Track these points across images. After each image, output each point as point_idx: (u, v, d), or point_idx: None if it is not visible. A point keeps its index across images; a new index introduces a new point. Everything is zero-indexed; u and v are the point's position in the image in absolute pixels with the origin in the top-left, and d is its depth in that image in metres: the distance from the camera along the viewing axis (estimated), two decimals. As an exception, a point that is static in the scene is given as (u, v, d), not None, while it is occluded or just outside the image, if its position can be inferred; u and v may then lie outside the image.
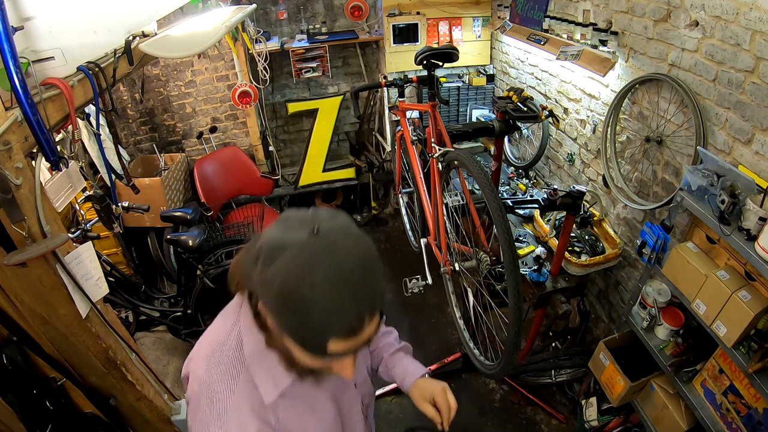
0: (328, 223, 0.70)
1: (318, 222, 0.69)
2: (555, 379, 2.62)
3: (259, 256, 0.68)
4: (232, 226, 3.05)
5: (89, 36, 1.35)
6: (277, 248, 0.67)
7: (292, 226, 0.70)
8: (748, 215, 1.37)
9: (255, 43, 3.46)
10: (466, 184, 2.11)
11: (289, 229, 0.69)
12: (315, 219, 0.70)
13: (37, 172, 1.17)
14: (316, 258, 0.65)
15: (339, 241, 0.68)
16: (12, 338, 1.33)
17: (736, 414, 1.59)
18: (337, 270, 0.66)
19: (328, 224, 0.69)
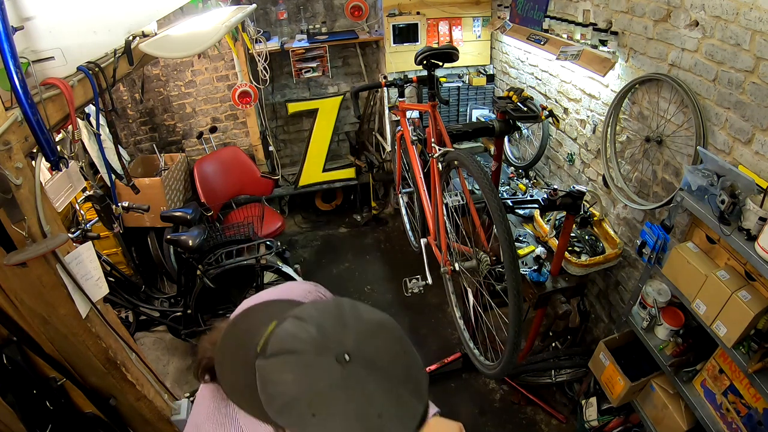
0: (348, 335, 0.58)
1: (333, 341, 0.57)
2: (555, 379, 2.62)
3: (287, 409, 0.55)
4: (232, 226, 3.05)
5: (89, 36, 1.35)
6: (316, 402, 0.54)
7: (308, 362, 0.56)
8: (748, 215, 1.37)
9: (255, 43, 3.46)
10: (466, 184, 2.11)
11: (308, 368, 0.56)
12: (326, 339, 0.58)
13: (37, 172, 1.17)
14: (371, 383, 0.55)
15: (376, 353, 0.58)
16: (12, 338, 1.33)
17: (736, 414, 1.59)
18: (393, 382, 0.57)
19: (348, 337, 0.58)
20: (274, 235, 3.47)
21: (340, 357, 0.56)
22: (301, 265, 3.47)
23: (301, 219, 4.53)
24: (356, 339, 0.58)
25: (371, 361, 0.57)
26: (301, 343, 0.58)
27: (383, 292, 3.54)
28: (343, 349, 0.57)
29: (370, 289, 3.59)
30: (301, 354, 0.57)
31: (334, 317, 0.61)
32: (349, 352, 0.56)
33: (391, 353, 0.59)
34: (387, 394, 0.56)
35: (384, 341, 0.60)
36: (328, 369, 0.55)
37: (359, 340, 0.58)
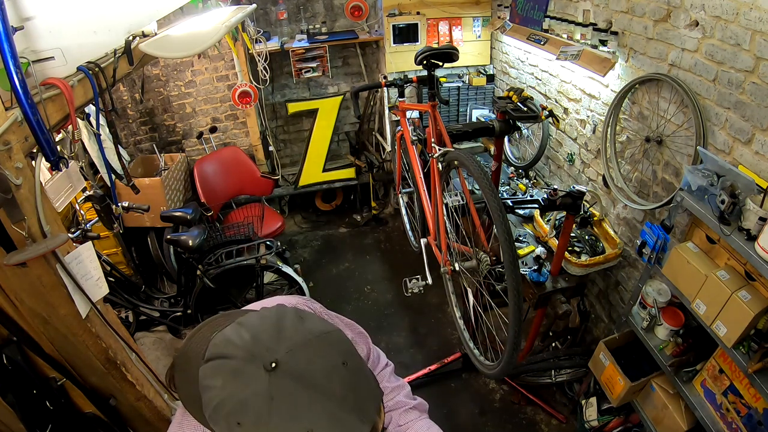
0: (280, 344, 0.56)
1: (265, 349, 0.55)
2: (555, 379, 2.62)
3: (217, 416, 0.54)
4: (232, 226, 3.05)
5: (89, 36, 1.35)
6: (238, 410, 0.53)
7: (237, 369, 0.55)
8: (748, 215, 1.37)
9: (255, 43, 3.46)
10: (466, 184, 2.11)
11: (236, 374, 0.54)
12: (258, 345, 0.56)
13: (37, 172, 1.17)
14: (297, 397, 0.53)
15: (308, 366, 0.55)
16: (12, 338, 1.33)
17: (736, 414, 1.59)
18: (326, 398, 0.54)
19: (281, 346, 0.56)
20: (274, 235, 3.47)
21: (267, 365, 0.53)
22: (301, 265, 3.47)
23: (301, 219, 4.53)
24: (290, 349, 0.56)
25: (301, 374, 0.54)
26: (234, 349, 0.57)
27: (383, 292, 3.54)
28: (272, 357, 0.54)
29: (370, 289, 3.59)
30: (231, 359, 0.56)
31: (273, 325, 0.59)
32: (277, 361, 0.54)
33: (327, 368, 0.56)
34: (320, 411, 0.53)
35: (322, 355, 0.57)
36: (255, 377, 0.53)
37: (293, 350, 0.56)
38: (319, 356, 0.57)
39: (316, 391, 0.54)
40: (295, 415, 0.52)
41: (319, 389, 0.54)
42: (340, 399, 0.55)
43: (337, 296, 3.54)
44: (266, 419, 0.52)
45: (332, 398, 0.54)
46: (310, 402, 0.53)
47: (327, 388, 0.54)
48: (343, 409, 0.54)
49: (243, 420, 0.52)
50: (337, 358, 0.57)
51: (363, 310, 3.39)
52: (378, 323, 3.24)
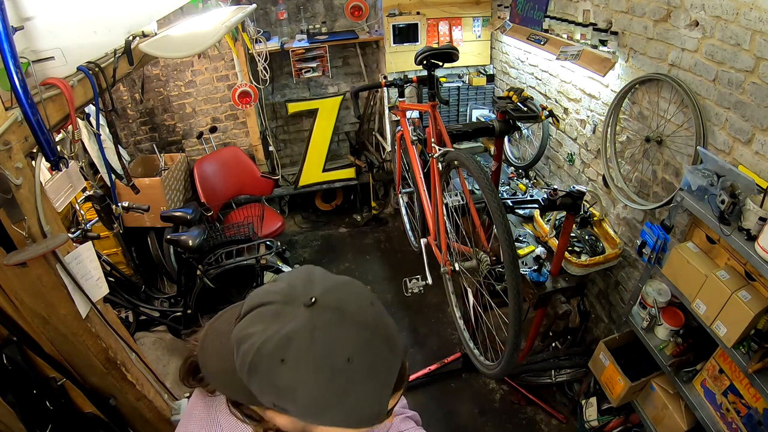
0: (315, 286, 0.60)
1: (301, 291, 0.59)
2: (555, 379, 2.62)
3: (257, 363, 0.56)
4: (232, 226, 3.05)
5: (89, 36, 1.35)
6: (282, 346, 0.55)
7: (277, 311, 0.58)
8: (748, 215, 1.37)
9: (255, 43, 3.46)
10: (466, 184, 2.11)
11: (277, 316, 0.57)
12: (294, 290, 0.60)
13: (37, 172, 1.17)
14: (336, 328, 0.56)
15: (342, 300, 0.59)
16: (12, 338, 1.33)
17: (736, 414, 1.59)
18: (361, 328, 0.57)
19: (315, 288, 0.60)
20: (274, 235, 3.47)
21: (306, 302, 0.57)
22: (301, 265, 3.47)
23: (301, 219, 4.53)
24: (324, 290, 0.59)
25: (338, 307, 0.58)
26: (271, 296, 0.60)
27: (383, 292, 3.54)
28: (310, 295, 0.58)
29: (370, 289, 3.57)
30: (270, 305, 0.59)
31: (305, 274, 0.63)
32: (315, 298, 0.57)
33: (359, 303, 0.60)
34: (357, 340, 0.56)
35: (352, 295, 0.61)
36: (295, 314, 0.56)
37: (327, 290, 0.59)
38: (350, 295, 0.61)
39: (352, 321, 0.57)
40: (335, 345, 0.55)
41: (355, 320, 0.57)
42: (373, 329, 0.58)
43: (337, 296, 3.53)
44: (309, 351, 0.54)
45: (367, 328, 0.58)
46: (348, 332, 0.56)
47: (361, 320, 0.58)
48: (376, 339, 0.58)
49: (286, 355, 0.54)
50: (365, 298, 0.62)
51: (363, 310, 3.38)
52: (378, 323, 3.23)
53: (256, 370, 0.56)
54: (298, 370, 0.54)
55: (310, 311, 0.56)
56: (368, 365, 0.57)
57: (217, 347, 0.65)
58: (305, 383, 0.55)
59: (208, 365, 0.67)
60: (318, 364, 0.54)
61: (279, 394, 0.56)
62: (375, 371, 0.57)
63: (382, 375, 0.59)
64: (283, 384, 0.55)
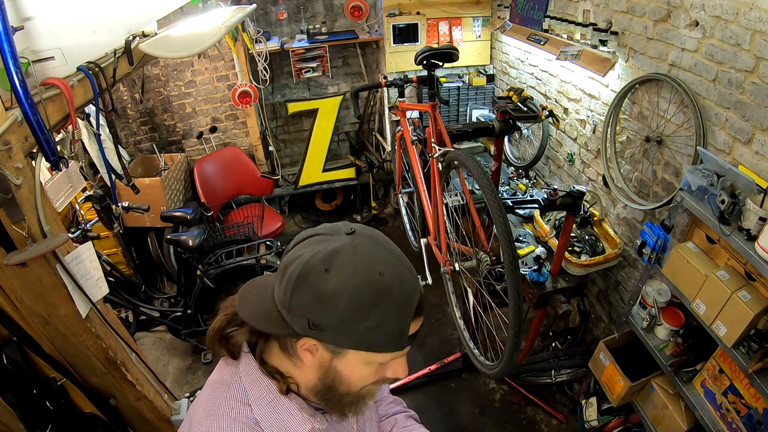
0: (353, 226, 0.72)
1: (342, 228, 0.71)
2: (555, 379, 2.62)
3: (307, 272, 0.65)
4: (232, 226, 3.05)
5: (89, 36, 1.34)
6: (329, 256, 0.65)
7: (323, 238, 0.70)
8: (748, 215, 1.37)
9: (255, 43, 3.46)
10: (466, 184, 2.11)
11: (323, 241, 0.69)
12: (337, 227, 0.72)
13: (37, 172, 1.17)
14: (372, 248, 0.68)
15: (374, 233, 0.73)
16: (12, 338, 1.33)
17: (736, 414, 1.59)
18: (391, 251, 0.70)
19: (353, 226, 0.72)
20: (274, 235, 3.47)
21: (348, 231, 0.70)
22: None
23: (301, 219, 4.53)
24: (360, 227, 0.72)
25: (372, 235, 0.71)
26: (316, 230, 0.73)
27: (383, 292, 3.53)
28: (349, 228, 0.70)
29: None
30: (317, 235, 0.71)
31: (344, 222, 0.75)
32: (353, 229, 0.70)
33: (385, 237, 0.74)
34: (387, 258, 0.68)
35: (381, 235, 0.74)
36: (339, 239, 0.68)
37: (363, 227, 0.73)
38: (381, 235, 0.74)
39: (384, 246, 0.70)
40: (371, 260, 0.66)
41: (384, 246, 0.70)
42: (399, 257, 0.71)
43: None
44: (352, 262, 0.65)
45: (393, 254, 0.70)
46: (381, 252, 0.68)
47: (390, 248, 0.71)
48: (402, 265, 0.70)
49: (331, 265, 0.64)
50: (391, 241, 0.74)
51: (363, 310, 3.38)
52: (378, 323, 3.23)
53: (303, 280, 0.65)
54: (341, 277, 0.64)
55: (351, 236, 0.68)
56: (396, 281, 0.66)
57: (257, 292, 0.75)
58: (346, 290, 0.63)
59: (246, 309, 0.74)
60: (357, 271, 0.64)
61: (320, 303, 0.64)
62: (400, 288, 0.67)
63: (406, 294, 0.68)
64: (326, 290, 0.64)
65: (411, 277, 0.70)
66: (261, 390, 0.74)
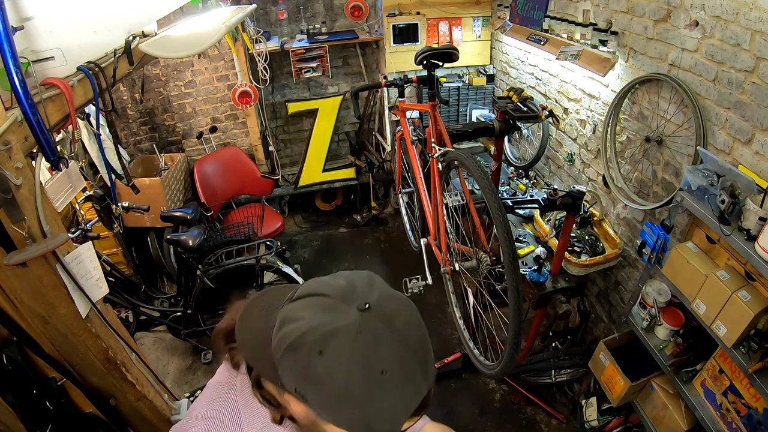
0: (372, 294, 0.62)
1: (359, 294, 0.61)
2: (555, 379, 2.62)
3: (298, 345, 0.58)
4: (232, 226, 3.05)
5: (89, 36, 1.34)
6: (328, 337, 0.57)
7: (331, 305, 0.60)
8: (748, 215, 1.37)
9: (255, 43, 3.46)
10: (466, 184, 2.11)
11: (329, 309, 0.60)
12: (353, 291, 0.62)
13: (37, 172, 1.17)
14: (381, 335, 0.57)
15: (394, 313, 0.61)
16: (12, 338, 1.33)
17: (736, 414, 1.59)
18: (403, 345, 0.58)
19: (372, 295, 0.61)
20: (274, 235, 3.47)
21: (361, 306, 0.59)
22: (301, 265, 3.47)
23: (301, 219, 4.53)
24: (380, 297, 0.61)
25: (389, 317, 0.59)
26: (329, 289, 0.62)
27: (383, 292, 3.53)
28: (365, 300, 0.59)
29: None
30: (326, 297, 0.61)
31: (366, 279, 0.65)
32: (369, 304, 0.59)
33: (408, 320, 0.61)
34: (396, 355, 0.58)
35: (405, 310, 0.63)
36: (347, 313, 0.58)
37: (383, 298, 0.61)
38: (402, 312, 0.62)
39: (397, 336, 0.58)
40: (375, 353, 0.56)
41: (400, 336, 0.59)
42: (413, 350, 0.59)
43: (337, 296, 3.53)
44: (349, 351, 0.56)
45: (407, 347, 0.59)
46: (390, 345, 0.57)
47: (405, 338, 0.59)
48: (413, 360, 0.59)
49: (326, 348, 0.56)
50: (415, 319, 0.63)
51: (363, 310, 3.38)
52: (378, 323, 3.23)
53: (294, 351, 0.58)
54: (332, 365, 0.56)
55: (361, 314, 0.58)
56: (398, 382, 0.57)
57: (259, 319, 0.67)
58: (334, 379, 0.56)
59: (243, 333, 0.69)
60: (352, 366, 0.56)
61: (306, 381, 0.58)
62: (402, 389, 0.58)
63: (408, 395, 0.59)
64: (313, 372, 0.57)
65: (421, 375, 0.59)
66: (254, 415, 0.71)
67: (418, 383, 0.59)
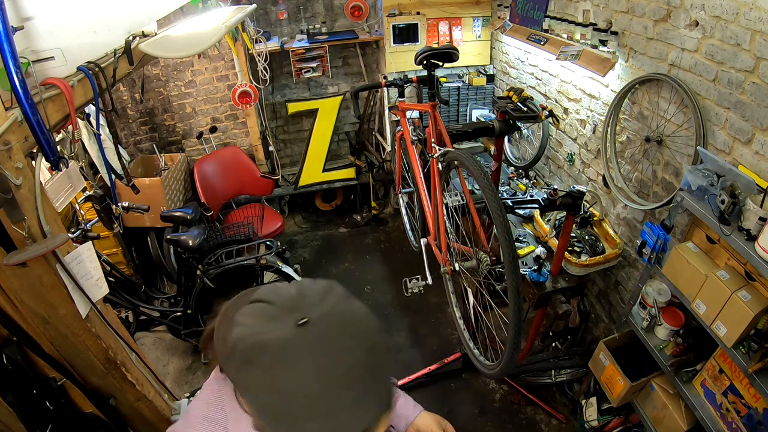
0: (319, 308, 0.58)
1: (305, 306, 0.58)
2: (555, 379, 2.62)
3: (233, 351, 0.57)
4: (232, 226, 3.05)
5: (89, 36, 1.34)
6: (255, 348, 0.55)
7: (273, 314, 0.58)
8: (748, 215, 1.37)
9: (255, 43, 3.46)
10: (466, 184, 2.11)
11: (270, 319, 0.57)
12: (301, 302, 0.59)
13: (37, 172, 1.17)
14: (306, 361, 0.54)
15: (335, 334, 0.56)
16: (12, 338, 1.33)
17: (736, 414, 1.59)
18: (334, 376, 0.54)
19: (318, 309, 0.58)
20: (274, 235, 3.47)
21: (298, 320, 0.56)
22: (301, 265, 3.47)
23: (301, 219, 4.53)
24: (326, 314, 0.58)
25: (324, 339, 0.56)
26: (277, 298, 0.61)
27: (383, 292, 3.54)
28: (306, 315, 0.56)
29: (370, 289, 3.59)
30: (271, 305, 0.60)
31: (320, 290, 0.62)
32: (310, 318, 0.56)
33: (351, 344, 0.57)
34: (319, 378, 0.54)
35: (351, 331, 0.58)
36: (283, 326, 0.56)
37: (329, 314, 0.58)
38: (347, 333, 0.58)
39: (328, 359, 0.55)
40: (296, 374, 0.54)
41: (332, 359, 0.55)
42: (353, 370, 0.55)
43: (337, 296, 3.53)
44: (273, 367, 0.54)
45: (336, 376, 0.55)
46: (316, 367, 0.54)
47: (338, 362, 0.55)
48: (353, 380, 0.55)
49: (253, 360, 0.55)
50: (363, 343, 0.58)
51: (363, 310, 3.38)
52: (378, 323, 3.23)
53: (230, 358, 0.58)
54: (255, 378, 0.55)
55: (296, 330, 0.55)
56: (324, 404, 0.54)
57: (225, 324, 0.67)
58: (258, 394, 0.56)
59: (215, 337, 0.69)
60: (272, 383, 0.54)
61: (240, 388, 0.59)
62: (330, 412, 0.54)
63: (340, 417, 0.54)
64: (241, 382, 0.57)
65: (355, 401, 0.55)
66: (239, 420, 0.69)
67: (352, 407, 0.55)
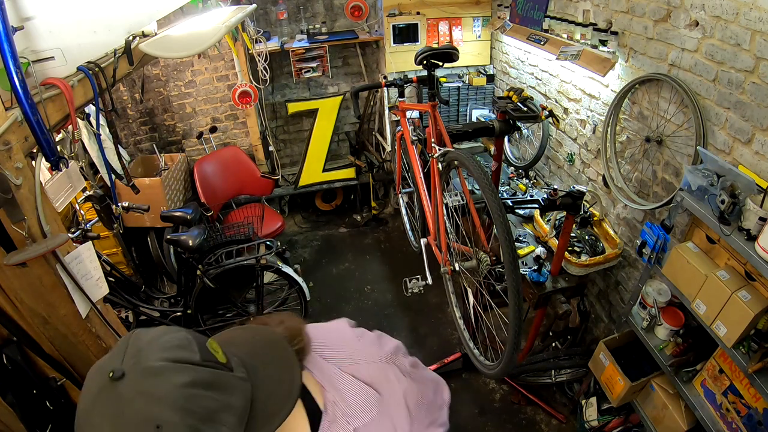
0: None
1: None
2: (555, 379, 2.62)
3: None
4: (232, 226, 3.05)
5: (89, 36, 1.35)
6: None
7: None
8: (748, 215, 1.37)
9: (255, 43, 3.46)
10: (466, 184, 2.11)
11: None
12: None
13: (37, 172, 1.17)
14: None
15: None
16: (12, 338, 1.33)
17: (736, 414, 1.59)
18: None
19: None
20: (274, 235, 3.47)
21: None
22: (301, 265, 3.47)
23: (301, 219, 4.53)
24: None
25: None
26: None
27: (383, 292, 3.54)
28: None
29: (370, 289, 3.59)
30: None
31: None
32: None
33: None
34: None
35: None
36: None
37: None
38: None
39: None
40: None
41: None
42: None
43: (337, 296, 3.54)
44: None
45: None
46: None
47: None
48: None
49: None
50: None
51: (363, 310, 3.39)
52: (378, 323, 3.23)
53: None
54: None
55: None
56: None
57: None
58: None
59: None
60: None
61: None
62: None
63: None
64: None
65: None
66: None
67: None
